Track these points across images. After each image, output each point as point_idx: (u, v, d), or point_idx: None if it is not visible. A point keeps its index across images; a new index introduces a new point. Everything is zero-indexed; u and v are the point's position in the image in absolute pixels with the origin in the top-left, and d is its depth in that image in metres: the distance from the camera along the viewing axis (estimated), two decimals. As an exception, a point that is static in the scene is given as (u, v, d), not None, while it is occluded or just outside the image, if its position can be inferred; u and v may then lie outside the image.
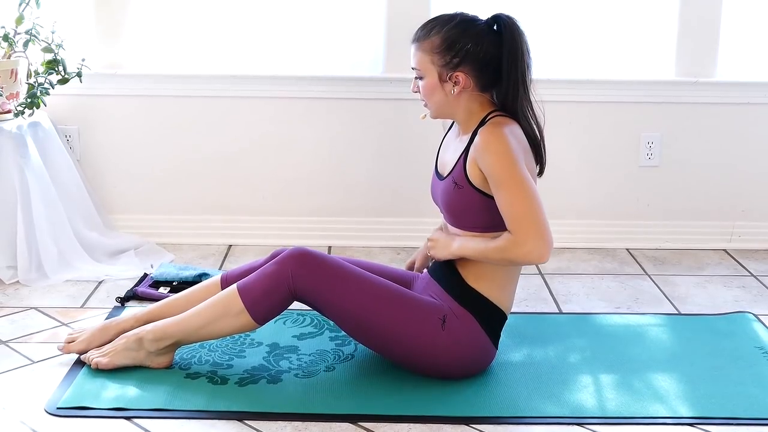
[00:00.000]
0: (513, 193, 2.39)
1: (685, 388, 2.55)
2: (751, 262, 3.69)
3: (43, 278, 3.29)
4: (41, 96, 3.41)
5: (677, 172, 3.84)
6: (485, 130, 2.44)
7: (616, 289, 3.37)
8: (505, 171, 2.40)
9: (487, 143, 2.41)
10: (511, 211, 2.40)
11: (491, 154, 2.40)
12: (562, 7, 3.77)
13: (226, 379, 2.55)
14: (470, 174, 2.46)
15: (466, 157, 2.47)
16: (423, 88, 2.52)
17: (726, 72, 3.79)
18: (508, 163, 2.39)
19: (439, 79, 2.49)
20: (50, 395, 2.44)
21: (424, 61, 2.49)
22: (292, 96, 3.75)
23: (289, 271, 2.47)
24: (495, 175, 2.41)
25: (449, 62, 2.47)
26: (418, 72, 2.51)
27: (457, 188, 2.49)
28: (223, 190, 3.82)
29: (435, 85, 2.50)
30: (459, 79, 2.48)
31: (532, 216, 2.39)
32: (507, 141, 2.41)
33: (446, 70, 2.47)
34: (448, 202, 2.54)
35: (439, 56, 2.47)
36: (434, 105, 2.53)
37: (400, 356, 2.53)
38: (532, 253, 2.39)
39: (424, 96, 2.53)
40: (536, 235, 2.39)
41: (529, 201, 2.40)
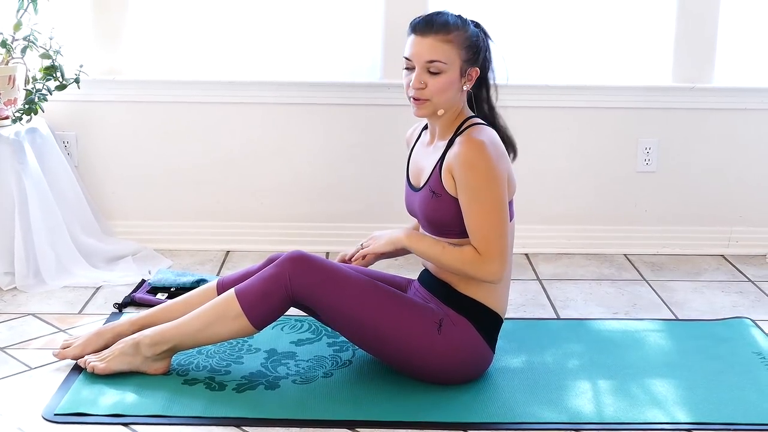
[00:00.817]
0: (487, 212, 2.40)
1: (683, 393, 2.55)
2: (749, 267, 3.69)
3: (40, 284, 3.29)
4: (39, 102, 3.41)
5: (675, 178, 3.84)
6: (465, 140, 2.42)
7: (614, 294, 3.38)
8: (483, 188, 2.39)
9: (467, 156, 2.39)
10: (481, 228, 2.40)
11: (469, 168, 2.39)
12: (559, 13, 3.78)
13: (223, 385, 2.54)
14: (445, 182, 2.45)
15: (443, 165, 2.46)
16: (442, 83, 2.42)
17: (723, 78, 3.80)
18: (487, 180, 2.39)
19: (460, 73, 2.46)
20: (47, 402, 2.44)
21: (451, 55, 2.42)
22: (291, 102, 3.76)
23: (287, 274, 2.47)
24: (471, 189, 2.40)
25: (471, 58, 2.46)
26: (440, 65, 2.41)
27: (435, 197, 2.48)
28: (220, 196, 3.82)
29: (456, 80, 2.45)
30: (472, 76, 2.48)
31: (501, 239, 2.42)
32: (488, 155, 2.39)
33: (467, 65, 2.46)
34: (427, 213, 2.52)
35: (466, 51, 2.45)
36: (444, 100, 2.45)
37: (396, 360, 2.53)
38: (494, 274, 2.43)
39: (438, 91, 2.43)
40: (501, 257, 2.42)
41: (501, 223, 2.42)
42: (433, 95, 2.44)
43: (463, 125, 2.49)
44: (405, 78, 2.48)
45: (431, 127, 2.59)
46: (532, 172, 3.81)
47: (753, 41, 3.83)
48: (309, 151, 3.80)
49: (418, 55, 2.43)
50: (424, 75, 2.43)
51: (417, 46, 2.44)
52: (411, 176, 2.64)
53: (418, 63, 2.43)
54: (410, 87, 2.45)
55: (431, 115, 2.49)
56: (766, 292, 3.40)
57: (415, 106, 2.47)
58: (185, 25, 3.76)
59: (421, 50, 2.43)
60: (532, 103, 3.77)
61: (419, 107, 2.47)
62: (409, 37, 2.47)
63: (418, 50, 2.43)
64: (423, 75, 2.43)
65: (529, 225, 3.83)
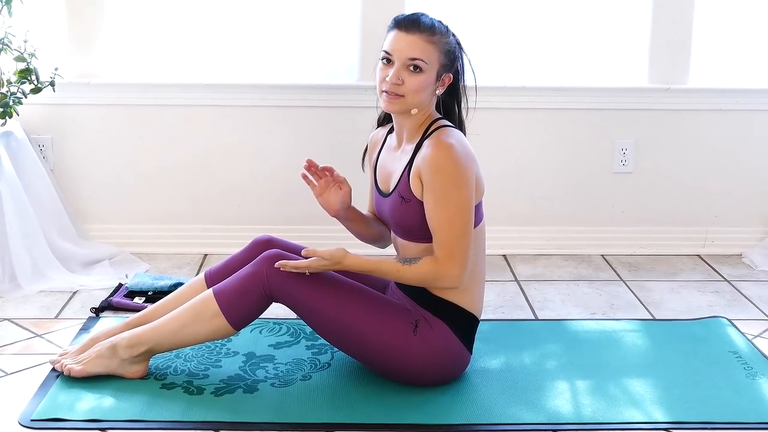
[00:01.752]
0: (451, 216, 2.39)
1: (661, 393, 2.57)
2: (725, 267, 3.71)
3: (16, 289, 3.26)
4: (14, 105, 3.38)
5: (651, 179, 3.86)
6: (434, 143, 2.42)
7: (592, 295, 3.39)
8: (449, 194, 2.39)
9: (434, 159, 2.39)
10: (443, 233, 2.40)
11: (437, 172, 2.38)
12: (535, 14, 3.79)
13: (202, 389, 2.53)
14: (414, 187, 2.45)
15: (411, 169, 2.46)
16: (419, 82, 2.42)
17: (698, 79, 3.82)
18: (454, 184, 2.38)
19: (436, 76, 2.46)
20: (24, 407, 2.42)
21: (432, 56, 2.42)
22: (267, 104, 3.75)
23: (264, 272, 2.46)
24: (437, 192, 2.39)
25: (448, 64, 2.47)
26: (421, 64, 2.41)
27: (404, 202, 2.48)
28: (197, 199, 3.80)
29: (432, 82, 2.45)
30: (445, 82, 2.49)
31: (461, 245, 2.40)
32: (457, 158, 2.38)
33: (443, 70, 2.47)
34: (397, 218, 2.52)
35: (445, 56, 2.46)
36: (417, 100, 2.44)
37: (372, 360, 2.53)
38: (453, 279, 2.42)
39: (415, 90, 2.42)
40: (461, 262, 2.41)
41: (465, 228, 2.40)
42: (408, 93, 2.43)
43: (431, 127, 2.49)
44: (381, 71, 2.47)
45: (398, 129, 2.57)
46: (509, 173, 3.83)
47: (728, 43, 3.85)
48: (286, 153, 3.79)
49: (401, 51, 2.42)
50: (403, 71, 2.42)
51: (401, 41, 2.42)
52: (379, 181, 2.63)
53: (399, 59, 2.42)
54: (386, 81, 2.44)
55: (402, 112, 2.47)
56: (742, 292, 3.42)
57: (388, 100, 2.45)
58: (161, 28, 3.75)
59: (405, 46, 2.42)
60: (509, 104, 3.78)
61: (392, 102, 2.45)
62: (392, 32, 2.46)
63: (402, 46, 2.42)
64: (402, 71, 2.43)
65: (507, 226, 3.84)
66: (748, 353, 2.82)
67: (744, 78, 3.88)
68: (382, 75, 2.46)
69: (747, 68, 3.88)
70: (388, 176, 2.58)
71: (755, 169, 3.87)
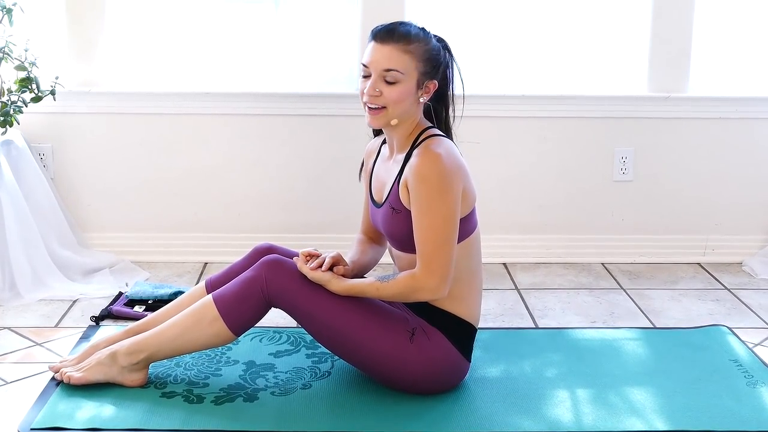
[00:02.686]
0: (435, 226, 2.38)
1: (661, 401, 2.56)
2: (725, 275, 3.71)
3: (16, 297, 3.26)
4: (14, 114, 3.39)
5: (651, 187, 3.87)
6: (421, 153, 2.41)
7: (592, 303, 3.39)
8: (432, 203, 2.37)
9: (420, 168, 2.38)
10: (425, 242, 2.39)
11: (422, 181, 2.37)
12: (535, 23, 3.80)
13: (202, 397, 2.53)
14: (403, 198, 2.45)
15: (399, 180, 2.46)
16: (398, 93, 2.41)
17: (698, 87, 3.83)
18: (438, 196, 2.37)
19: (417, 85, 2.45)
20: (24, 416, 2.41)
21: (409, 65, 2.41)
22: (267, 113, 3.75)
23: (263, 277, 2.46)
24: (422, 202, 2.38)
25: (430, 71, 2.46)
26: (396, 75, 2.40)
27: (396, 213, 2.48)
28: (197, 208, 3.81)
29: (412, 91, 2.44)
30: (429, 89, 2.48)
31: (443, 255, 2.39)
32: (443, 168, 2.37)
33: (425, 78, 2.45)
34: (390, 229, 2.52)
35: (425, 63, 2.44)
36: (399, 111, 2.43)
37: (369, 367, 2.52)
38: (433, 290, 2.41)
39: (394, 101, 2.41)
40: (441, 273, 2.40)
41: (447, 239, 2.39)
42: (389, 104, 2.42)
43: (421, 137, 2.48)
44: (361, 85, 2.47)
45: (389, 140, 2.57)
46: (510, 181, 3.83)
47: (727, 51, 3.86)
48: (286, 162, 3.79)
49: (376, 63, 2.42)
50: (380, 83, 2.42)
51: (376, 53, 2.42)
52: (374, 191, 2.63)
53: (375, 70, 2.42)
54: (365, 94, 2.44)
55: (385, 125, 2.47)
56: (742, 300, 3.42)
57: (370, 114, 2.45)
58: (161, 37, 3.76)
59: (379, 58, 2.41)
60: (509, 113, 3.78)
61: (373, 116, 2.45)
62: (370, 43, 2.45)
63: (377, 57, 2.42)
64: (379, 83, 2.42)
65: (507, 234, 3.84)
66: (748, 362, 2.82)
67: (744, 86, 3.88)
68: (361, 87, 2.46)
69: (747, 76, 3.89)
70: (381, 186, 2.58)
71: (755, 177, 3.87)
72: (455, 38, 3.75)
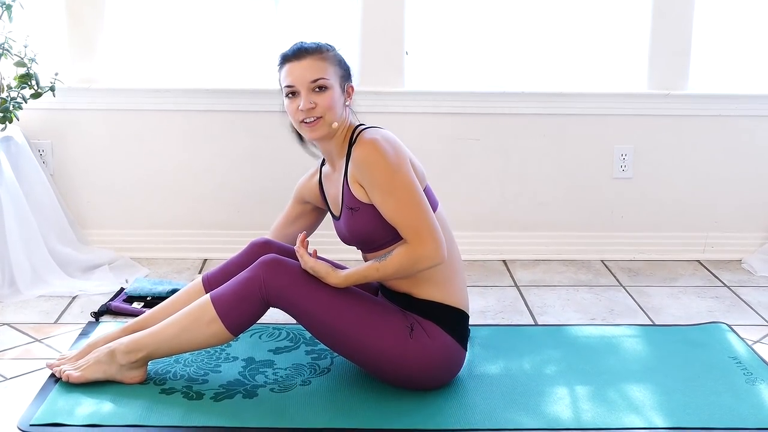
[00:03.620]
0: (402, 201, 2.42)
1: (660, 398, 2.57)
2: (724, 272, 3.71)
3: (15, 294, 3.26)
4: (14, 110, 3.39)
5: (650, 184, 3.87)
6: (359, 146, 2.46)
7: (591, 300, 3.39)
8: (390, 181, 2.42)
9: (363, 157, 2.43)
10: (403, 219, 2.42)
11: (370, 167, 2.42)
12: (535, 20, 3.80)
13: (201, 394, 2.53)
14: (356, 193, 2.48)
15: (347, 181, 2.50)
16: (330, 98, 2.48)
17: (697, 85, 3.83)
18: (391, 173, 2.42)
19: (341, 89, 2.53)
20: (23, 412, 2.42)
21: (329, 71, 2.50)
22: (267, 110, 3.75)
23: (261, 277, 2.47)
24: (378, 186, 2.42)
25: (345, 74, 2.56)
26: (324, 81, 2.48)
27: (355, 212, 2.51)
28: (197, 204, 3.81)
29: (339, 95, 2.52)
30: (350, 92, 2.57)
31: (424, 221, 2.42)
32: (382, 150, 2.43)
33: (344, 81, 2.55)
34: (355, 232, 2.55)
35: (340, 67, 2.54)
36: (335, 115, 2.50)
37: (369, 363, 2.53)
38: (433, 255, 2.43)
39: (328, 107, 2.48)
40: (432, 237, 2.42)
41: (420, 208, 2.43)
42: (324, 112, 2.49)
43: (353, 136, 2.53)
44: (290, 107, 2.52)
45: (327, 156, 2.62)
46: (509, 178, 3.83)
47: (727, 48, 3.86)
48: (285, 158, 3.78)
49: (302, 78, 2.49)
50: (311, 95, 2.49)
51: (297, 70, 2.50)
52: (331, 208, 2.68)
53: (302, 85, 2.49)
54: (299, 111, 2.49)
55: (327, 135, 2.52)
56: (741, 297, 3.42)
57: (310, 128, 2.51)
58: (161, 34, 3.75)
59: (303, 72, 2.49)
60: (509, 110, 3.78)
61: (313, 128, 2.50)
62: (284, 66, 2.54)
63: (300, 73, 2.49)
64: (310, 95, 2.49)
65: (507, 231, 3.84)
66: (747, 359, 2.82)
67: (743, 84, 3.88)
68: (293, 107, 2.51)
69: (746, 74, 3.88)
70: (335, 199, 2.62)
71: (755, 175, 3.87)
72: (455, 35, 3.78)
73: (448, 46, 3.80)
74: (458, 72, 3.81)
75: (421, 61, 3.78)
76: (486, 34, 3.78)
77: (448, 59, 3.82)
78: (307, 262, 2.49)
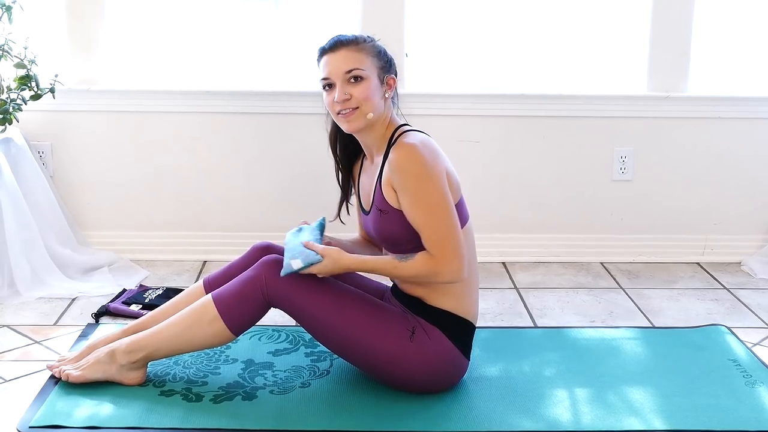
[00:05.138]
0: (431, 211, 2.39)
1: (660, 401, 2.57)
2: (724, 275, 3.71)
3: (15, 295, 3.26)
4: (14, 112, 3.39)
5: (650, 186, 3.87)
6: (397, 148, 2.43)
7: (591, 302, 3.39)
8: (422, 190, 2.39)
9: (399, 162, 2.40)
10: (429, 231, 2.40)
11: (405, 172, 2.39)
12: (535, 22, 3.80)
13: (200, 396, 2.53)
14: (388, 197, 2.46)
15: (382, 181, 2.48)
16: (365, 89, 2.45)
17: (697, 87, 3.83)
18: (425, 182, 2.39)
19: (379, 81, 2.50)
20: (23, 414, 2.41)
21: (366, 62, 2.47)
22: (267, 111, 3.75)
23: (263, 277, 2.47)
24: (409, 192, 2.40)
25: (385, 66, 2.52)
26: (360, 72, 2.45)
27: (383, 215, 2.49)
28: (197, 206, 3.81)
29: (377, 87, 2.49)
30: (390, 84, 2.53)
31: (450, 237, 2.40)
32: (419, 156, 2.39)
33: (383, 72, 2.51)
34: (380, 232, 2.53)
35: (378, 59, 2.50)
36: (373, 107, 2.47)
37: (369, 366, 2.53)
38: (453, 273, 2.42)
39: (364, 98, 2.45)
40: (456, 254, 2.41)
41: (448, 220, 2.40)
42: (360, 102, 2.46)
43: (394, 135, 2.51)
44: (326, 99, 2.51)
45: (366, 148, 2.60)
46: (509, 180, 3.83)
47: (726, 51, 3.86)
48: (286, 160, 3.79)
49: (336, 69, 2.47)
50: (347, 86, 2.47)
51: (332, 62, 2.48)
52: (362, 201, 2.66)
53: (337, 77, 2.47)
54: (335, 103, 2.48)
55: (364, 126, 2.49)
56: (741, 300, 3.42)
57: (346, 120, 2.49)
58: (161, 35, 3.76)
59: (338, 64, 2.47)
60: (508, 112, 3.78)
61: (350, 120, 2.48)
62: (321, 59, 2.52)
63: (335, 65, 2.47)
64: (345, 86, 2.47)
65: (506, 233, 3.84)
66: (747, 361, 2.82)
67: (743, 86, 3.88)
68: (329, 100, 2.50)
69: (746, 76, 3.89)
70: (367, 194, 2.61)
71: (755, 177, 3.87)
72: (455, 37, 3.78)
73: (447, 48, 3.80)
74: (458, 74, 3.81)
75: (420, 63, 3.78)
76: (486, 37, 3.79)
77: (447, 61, 3.82)
78: (316, 247, 2.46)
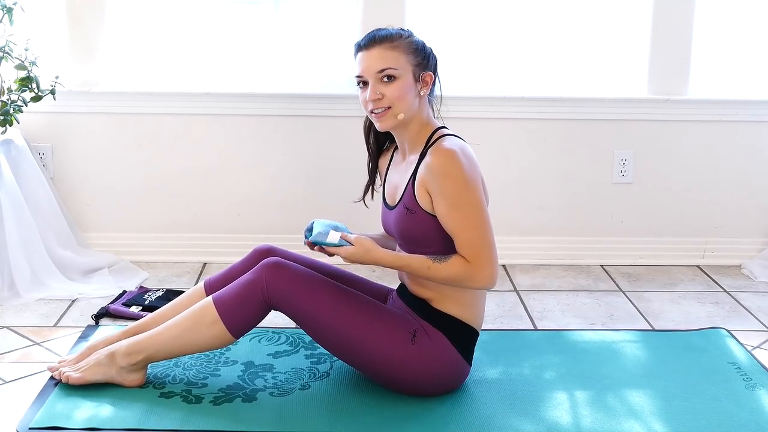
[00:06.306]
0: (468, 217, 2.39)
1: (660, 404, 2.56)
2: (724, 278, 3.71)
3: (15, 297, 3.26)
4: (14, 113, 3.39)
5: (650, 189, 3.87)
6: (435, 151, 2.42)
7: (591, 305, 3.39)
8: (461, 195, 2.38)
9: (440, 166, 2.39)
10: (465, 236, 2.39)
11: (444, 177, 2.38)
12: (535, 25, 3.80)
13: (200, 397, 2.53)
14: (420, 198, 2.45)
15: (415, 180, 2.46)
16: (399, 88, 2.43)
17: (697, 90, 3.83)
18: (463, 187, 2.38)
19: (414, 78, 2.47)
20: (22, 415, 2.41)
21: (400, 60, 2.44)
22: (267, 113, 3.75)
23: (264, 280, 2.46)
24: (447, 197, 2.38)
25: (421, 62, 2.48)
26: (392, 71, 2.43)
27: (410, 213, 2.48)
28: (197, 208, 3.81)
29: (411, 85, 2.46)
30: (427, 81, 2.50)
31: (486, 243, 2.40)
32: (459, 162, 2.39)
33: (419, 69, 2.48)
34: (403, 230, 2.52)
35: (414, 55, 2.47)
36: (406, 106, 2.45)
37: (370, 368, 2.52)
38: (487, 279, 2.41)
39: (396, 98, 2.43)
40: (491, 260, 2.41)
41: (485, 228, 2.41)
42: (392, 102, 2.44)
43: (433, 137, 2.49)
44: (360, 96, 2.50)
45: (400, 144, 2.58)
46: (509, 183, 3.83)
47: (727, 54, 3.86)
48: (286, 162, 3.79)
49: (369, 68, 2.45)
50: (379, 86, 2.45)
51: (366, 60, 2.46)
52: (387, 195, 2.64)
53: (370, 75, 2.45)
54: (368, 101, 2.46)
55: (395, 125, 2.48)
56: (741, 303, 3.42)
57: (378, 119, 2.47)
58: (161, 37, 3.76)
59: (371, 62, 2.45)
60: (509, 114, 3.78)
61: (382, 119, 2.47)
62: (357, 56, 2.50)
63: (368, 63, 2.45)
64: (378, 86, 2.45)
65: (507, 236, 3.84)
66: (747, 364, 2.82)
67: (743, 89, 3.88)
68: (362, 97, 2.49)
69: (746, 79, 3.89)
70: (395, 189, 2.58)
71: (755, 180, 3.87)
72: (455, 40, 3.78)
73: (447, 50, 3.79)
74: (458, 76, 3.81)
75: (421, 65, 3.77)
76: (486, 40, 3.78)
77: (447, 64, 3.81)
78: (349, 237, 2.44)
